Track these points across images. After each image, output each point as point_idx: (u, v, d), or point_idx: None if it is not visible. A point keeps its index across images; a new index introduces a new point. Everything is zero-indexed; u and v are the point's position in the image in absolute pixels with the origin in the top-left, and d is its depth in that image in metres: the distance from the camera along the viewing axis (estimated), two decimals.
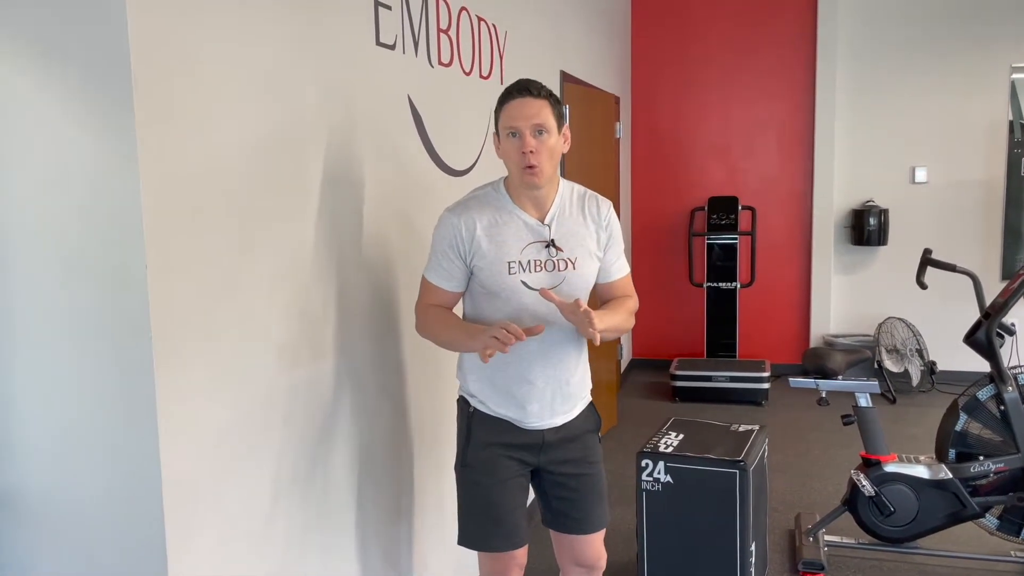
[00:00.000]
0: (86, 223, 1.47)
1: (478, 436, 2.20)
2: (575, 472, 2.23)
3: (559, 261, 2.09)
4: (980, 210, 6.05)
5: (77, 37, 1.43)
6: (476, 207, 2.10)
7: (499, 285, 2.06)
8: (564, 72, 4.41)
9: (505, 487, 2.18)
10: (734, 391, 5.78)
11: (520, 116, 2.00)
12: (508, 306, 2.08)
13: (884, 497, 3.22)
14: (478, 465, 2.19)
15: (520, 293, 2.06)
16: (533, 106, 2.00)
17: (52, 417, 1.54)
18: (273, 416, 1.87)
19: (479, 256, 2.06)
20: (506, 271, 2.05)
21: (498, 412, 2.18)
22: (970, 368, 5.07)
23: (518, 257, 2.06)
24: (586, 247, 2.13)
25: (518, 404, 2.16)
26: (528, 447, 2.19)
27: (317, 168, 2.03)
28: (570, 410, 2.22)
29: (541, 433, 2.19)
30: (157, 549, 1.53)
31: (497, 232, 2.07)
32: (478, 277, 2.09)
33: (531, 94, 2.01)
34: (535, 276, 2.07)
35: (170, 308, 1.52)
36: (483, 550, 2.24)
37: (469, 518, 2.23)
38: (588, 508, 2.26)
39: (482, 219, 2.07)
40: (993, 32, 5.89)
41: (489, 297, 2.10)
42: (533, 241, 2.07)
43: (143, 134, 1.44)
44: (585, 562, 2.34)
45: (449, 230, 2.08)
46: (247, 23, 1.74)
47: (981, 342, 3.28)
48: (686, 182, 6.60)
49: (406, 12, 2.50)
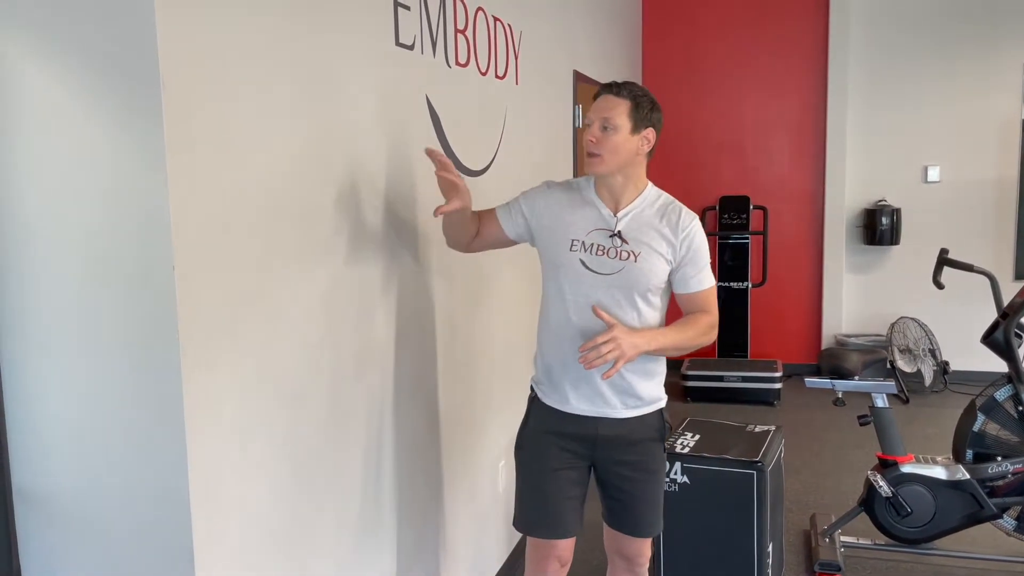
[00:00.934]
0: (113, 224, 1.48)
1: (534, 421, 2.31)
2: (631, 476, 2.28)
3: (622, 251, 2.19)
4: (993, 209, 6.03)
5: (105, 40, 1.43)
6: (566, 187, 2.31)
7: (560, 259, 2.22)
8: (577, 72, 4.41)
9: (553, 476, 2.24)
10: (746, 391, 5.77)
11: (595, 109, 2.18)
12: (569, 282, 2.20)
13: (901, 498, 3.21)
14: (530, 449, 2.29)
15: (579, 271, 2.19)
16: (610, 102, 2.17)
17: (79, 418, 1.55)
18: (300, 417, 1.88)
19: (545, 225, 2.25)
20: (567, 247, 2.21)
21: (551, 398, 2.27)
22: (983, 368, 5.06)
23: (583, 237, 2.20)
24: (653, 247, 2.19)
25: (560, 388, 2.24)
26: (580, 438, 2.25)
27: (341, 170, 2.04)
28: (631, 406, 2.24)
29: (594, 423, 2.23)
30: (184, 549, 1.53)
31: (572, 211, 2.24)
32: (542, 250, 2.28)
33: (612, 92, 2.18)
34: (595, 259, 2.19)
35: (197, 309, 1.53)
36: (527, 534, 2.32)
37: (519, 501, 2.33)
38: (640, 514, 2.32)
39: (563, 197, 2.27)
40: (1005, 31, 5.87)
41: (553, 270, 2.24)
42: (601, 228, 2.21)
43: (171, 134, 1.45)
44: (627, 555, 2.42)
45: (536, 189, 2.32)
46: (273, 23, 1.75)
47: (999, 342, 3.27)
48: (697, 181, 6.59)
49: (424, 12, 2.50)
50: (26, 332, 1.55)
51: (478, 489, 3.03)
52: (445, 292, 2.70)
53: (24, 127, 1.49)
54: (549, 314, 2.27)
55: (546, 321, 2.28)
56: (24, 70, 1.47)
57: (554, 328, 2.24)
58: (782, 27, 6.30)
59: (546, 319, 2.28)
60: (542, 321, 2.31)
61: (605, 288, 2.17)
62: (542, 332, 2.31)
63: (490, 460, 3.13)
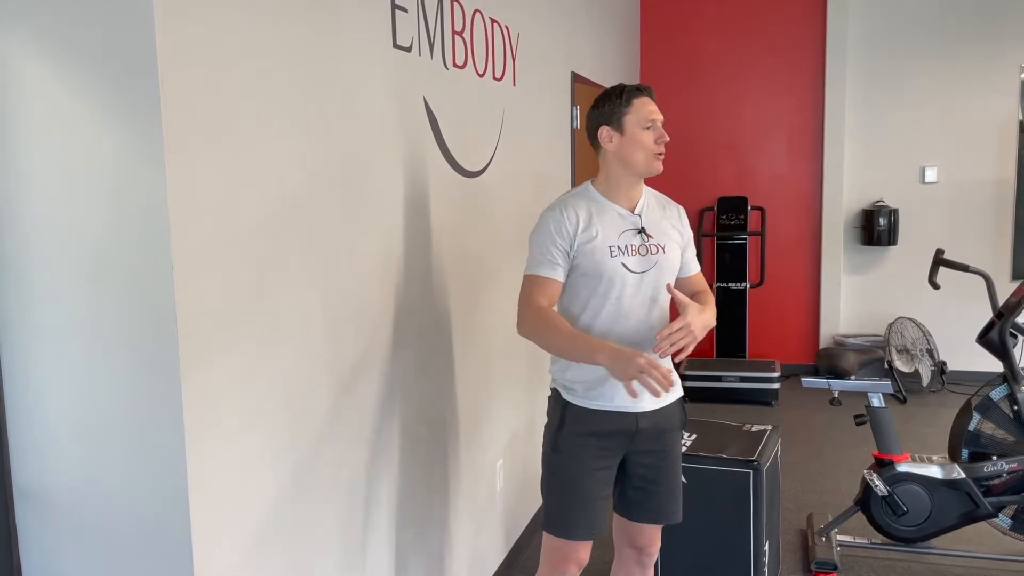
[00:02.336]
0: (112, 224, 1.49)
1: (570, 425, 2.27)
2: (657, 464, 2.33)
3: (651, 246, 2.28)
4: (990, 210, 6.04)
5: (105, 39, 1.45)
6: (574, 202, 2.28)
7: (603, 267, 2.22)
8: (575, 73, 4.42)
9: (592, 476, 2.26)
10: (744, 391, 5.78)
11: (655, 112, 2.25)
12: (615, 288, 2.22)
13: (897, 497, 3.22)
14: (568, 451, 2.27)
15: (622, 275, 2.23)
16: (654, 104, 2.26)
17: (78, 416, 1.56)
18: (299, 416, 1.89)
19: (585, 241, 2.22)
20: (608, 254, 2.23)
21: (591, 400, 2.25)
22: (980, 368, 5.07)
23: (617, 242, 2.24)
24: (671, 236, 2.33)
25: (610, 387, 2.22)
26: (620, 434, 2.27)
27: (339, 172, 2.05)
28: (666, 396, 2.29)
29: (635, 418, 2.26)
30: (183, 548, 1.55)
31: (597, 220, 2.26)
32: (581, 263, 2.23)
33: (651, 95, 2.27)
34: (633, 259, 2.25)
35: (196, 309, 1.54)
36: (567, 537, 2.29)
37: (555, 503, 2.30)
38: (662, 501, 2.36)
39: (581, 210, 2.26)
40: (1003, 31, 5.88)
41: (592, 280, 2.23)
42: (628, 228, 2.26)
43: (169, 133, 1.46)
44: (639, 545, 2.44)
45: (555, 224, 2.24)
46: (271, 24, 1.76)
47: (995, 342, 3.28)
48: (695, 182, 6.60)
49: (422, 14, 2.52)
50: (25, 331, 1.56)
51: (477, 488, 3.04)
52: (445, 291, 2.72)
53: (23, 126, 1.51)
54: (591, 322, 2.24)
55: (588, 329, 2.24)
56: (23, 69, 1.49)
57: (602, 334, 2.22)
58: (780, 28, 6.32)
59: (587, 327, 2.24)
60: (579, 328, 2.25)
61: (646, 285, 2.25)
62: None
63: (489, 459, 3.14)
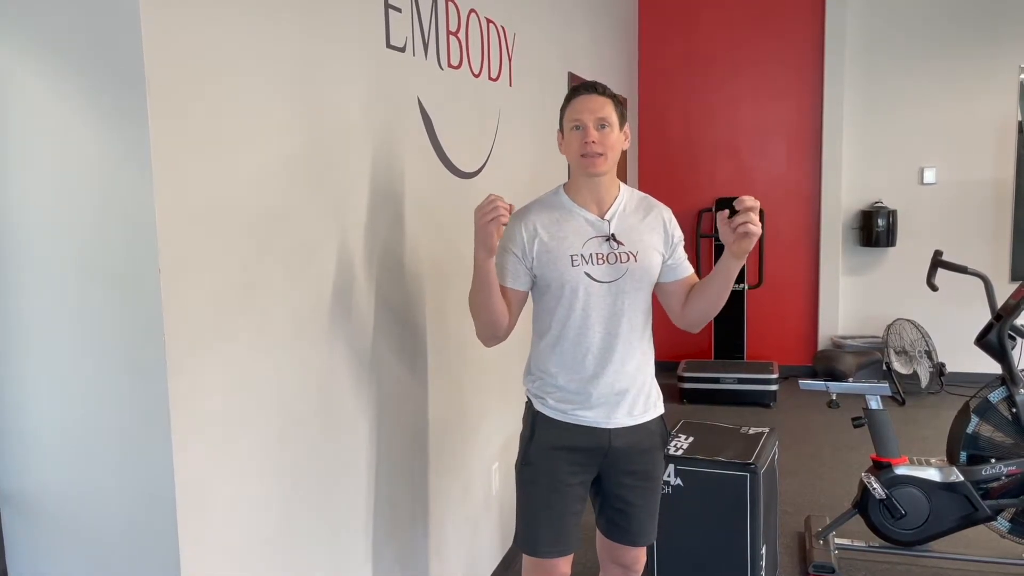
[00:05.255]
0: (99, 225, 1.47)
1: (541, 437, 2.22)
2: (634, 485, 2.27)
3: (621, 254, 2.18)
4: (989, 211, 6.03)
5: (91, 39, 1.43)
6: (536, 209, 2.22)
7: (564, 277, 2.14)
8: (572, 74, 4.41)
9: (562, 492, 2.19)
10: (742, 393, 5.76)
11: (585, 110, 2.14)
12: (575, 298, 2.15)
13: (895, 500, 3.20)
14: (538, 465, 2.22)
15: (586, 284, 2.15)
16: (597, 102, 2.14)
17: (64, 419, 1.54)
18: (288, 420, 1.87)
19: (542, 252, 2.15)
20: (570, 263, 2.15)
21: (562, 413, 2.20)
22: (979, 370, 5.05)
23: (580, 251, 2.15)
24: (647, 242, 2.21)
25: (581, 401, 2.18)
26: (592, 451, 2.21)
27: (331, 173, 2.03)
28: (639, 413, 2.23)
29: (607, 434, 2.20)
30: (170, 552, 1.53)
31: (558, 229, 2.17)
32: (543, 274, 2.17)
33: (596, 91, 2.16)
34: (598, 268, 2.16)
35: (183, 311, 1.52)
36: (533, 555, 2.24)
37: (525, 519, 2.26)
38: (641, 523, 2.31)
39: (541, 218, 2.19)
40: (1002, 32, 5.87)
41: (555, 291, 2.17)
42: (594, 236, 2.17)
43: (156, 135, 1.44)
44: (624, 563, 2.40)
45: (509, 232, 2.18)
46: (261, 25, 1.74)
47: (993, 344, 3.26)
48: (693, 183, 6.58)
49: (416, 14, 2.50)
50: (10, 334, 1.54)
51: (471, 492, 3.02)
52: (439, 292, 2.70)
53: (10, 128, 1.49)
54: (561, 334, 2.18)
55: (556, 341, 2.19)
56: (11, 71, 1.47)
57: (570, 346, 2.17)
58: (778, 29, 6.31)
59: (556, 339, 2.19)
60: (547, 342, 2.21)
61: (613, 295, 2.16)
62: (550, 353, 2.21)
63: (483, 463, 3.12)
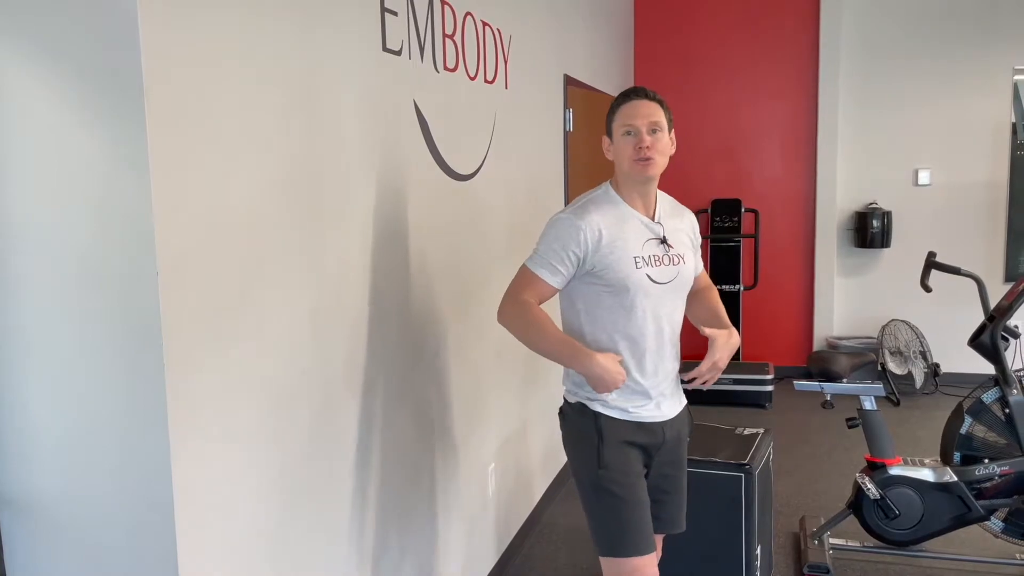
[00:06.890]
0: (97, 227, 1.48)
1: (610, 437, 2.18)
2: (673, 474, 2.32)
3: (673, 256, 2.21)
4: (983, 212, 6.05)
5: (89, 47, 1.44)
6: (595, 209, 2.17)
7: (628, 280, 2.13)
8: (568, 76, 4.42)
9: (643, 487, 2.21)
10: (738, 394, 5.78)
11: (636, 115, 2.15)
12: (637, 299, 2.14)
13: (889, 500, 3.22)
14: (615, 465, 2.17)
15: (646, 287, 2.15)
16: (648, 107, 2.16)
17: (62, 423, 1.55)
18: (286, 423, 1.88)
19: (606, 254, 2.12)
20: (633, 266, 2.14)
21: (623, 412, 2.19)
22: (973, 370, 5.07)
23: (640, 252, 2.16)
24: (686, 244, 2.27)
25: (642, 398, 2.20)
26: (649, 447, 2.24)
27: (328, 176, 2.04)
28: (678, 402, 2.31)
29: (662, 427, 2.24)
30: (168, 555, 1.54)
31: (620, 230, 2.16)
32: (604, 276, 2.13)
33: (647, 97, 2.18)
34: (656, 270, 2.17)
35: (181, 316, 1.53)
36: (634, 555, 2.15)
37: (613, 522, 2.17)
38: (675, 510, 2.35)
39: (604, 219, 2.15)
40: (996, 34, 5.89)
41: (618, 293, 2.14)
42: (651, 238, 2.19)
43: (154, 137, 1.45)
44: None
45: (571, 231, 2.13)
46: (258, 28, 1.75)
47: (986, 345, 3.28)
48: (689, 184, 6.59)
49: (412, 17, 2.51)
50: (9, 337, 1.55)
51: (468, 493, 3.03)
52: (435, 295, 2.71)
53: (7, 134, 1.50)
54: (624, 334, 2.16)
55: (616, 341, 2.17)
56: (8, 77, 1.48)
57: (631, 345, 2.17)
58: (774, 30, 6.32)
59: (616, 339, 2.17)
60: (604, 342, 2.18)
61: (667, 296, 2.20)
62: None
63: (480, 464, 3.13)
